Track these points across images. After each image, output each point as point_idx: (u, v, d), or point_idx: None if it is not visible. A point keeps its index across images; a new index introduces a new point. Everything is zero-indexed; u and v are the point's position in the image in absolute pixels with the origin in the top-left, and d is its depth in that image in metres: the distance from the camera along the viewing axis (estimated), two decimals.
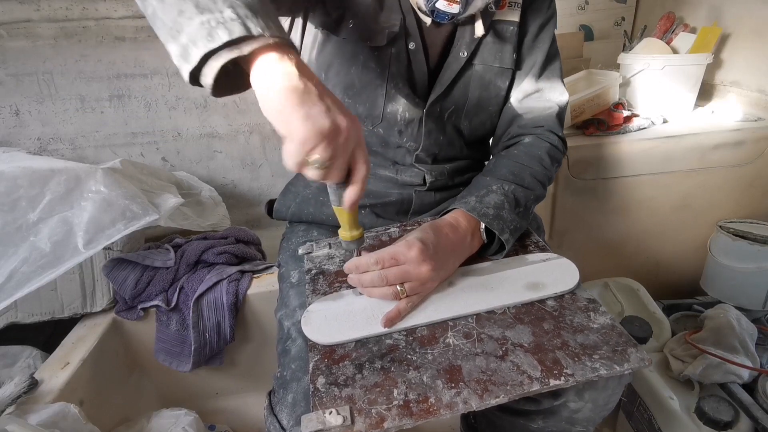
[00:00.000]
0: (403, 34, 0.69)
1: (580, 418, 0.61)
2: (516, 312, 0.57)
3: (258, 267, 1.17)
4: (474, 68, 0.73)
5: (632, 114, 1.20)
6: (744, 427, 0.84)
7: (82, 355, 0.98)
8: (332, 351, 0.54)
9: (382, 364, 0.51)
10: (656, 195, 1.20)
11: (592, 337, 0.52)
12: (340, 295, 0.62)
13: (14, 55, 1.32)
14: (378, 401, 0.47)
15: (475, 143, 0.82)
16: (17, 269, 0.88)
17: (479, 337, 0.54)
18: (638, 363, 0.48)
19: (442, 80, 0.72)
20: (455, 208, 0.65)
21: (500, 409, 0.72)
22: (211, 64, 0.42)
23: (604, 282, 1.22)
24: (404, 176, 0.77)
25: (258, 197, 1.66)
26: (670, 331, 1.06)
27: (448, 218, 0.64)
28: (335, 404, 0.47)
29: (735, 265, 1.12)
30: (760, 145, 1.15)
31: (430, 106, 0.73)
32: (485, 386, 0.47)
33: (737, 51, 1.28)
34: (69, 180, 0.96)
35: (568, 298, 0.58)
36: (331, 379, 0.50)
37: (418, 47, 0.70)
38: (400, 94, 0.72)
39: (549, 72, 0.78)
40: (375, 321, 0.56)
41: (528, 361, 0.50)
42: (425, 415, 0.45)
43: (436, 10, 0.64)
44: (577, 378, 0.47)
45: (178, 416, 1.01)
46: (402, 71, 0.71)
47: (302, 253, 0.74)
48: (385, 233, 0.75)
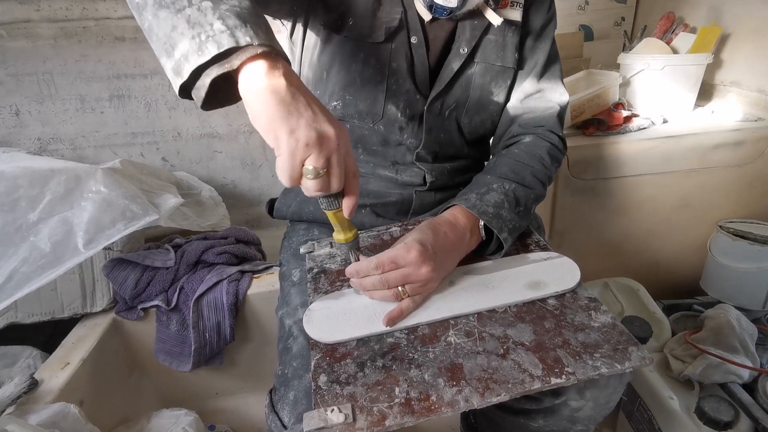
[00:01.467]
0: (405, 28, 0.69)
1: (581, 417, 0.61)
2: (517, 311, 0.57)
3: (258, 267, 1.17)
4: (476, 66, 0.73)
5: (632, 114, 1.21)
6: (744, 427, 0.84)
7: (82, 355, 0.98)
8: (334, 349, 0.54)
9: (383, 362, 0.51)
10: (656, 195, 1.20)
11: (593, 335, 0.52)
12: (342, 293, 0.62)
13: (14, 55, 1.32)
14: (380, 399, 0.47)
15: (475, 142, 0.82)
16: (17, 269, 0.88)
17: (480, 335, 0.54)
18: (639, 361, 0.49)
19: (443, 76, 0.72)
20: (454, 205, 0.65)
21: (501, 408, 0.72)
22: (203, 79, 0.42)
23: (604, 282, 1.22)
24: (404, 176, 0.77)
25: (258, 197, 1.66)
26: (670, 331, 1.06)
27: (446, 215, 0.64)
28: (337, 402, 0.47)
29: (735, 265, 1.12)
30: (760, 145, 1.15)
31: (431, 103, 0.73)
32: (486, 384, 0.47)
33: (737, 51, 1.28)
34: (69, 180, 0.96)
35: (569, 296, 0.58)
36: (332, 377, 0.50)
37: (420, 42, 0.70)
38: (401, 90, 0.72)
39: (550, 73, 0.78)
40: (376, 320, 0.56)
41: (529, 359, 0.50)
42: (426, 413, 0.45)
43: (435, 4, 0.65)
44: (579, 376, 0.47)
45: (178, 416, 1.01)
46: (403, 67, 0.71)
47: (304, 252, 0.74)
48: (387, 232, 0.75)
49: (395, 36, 0.69)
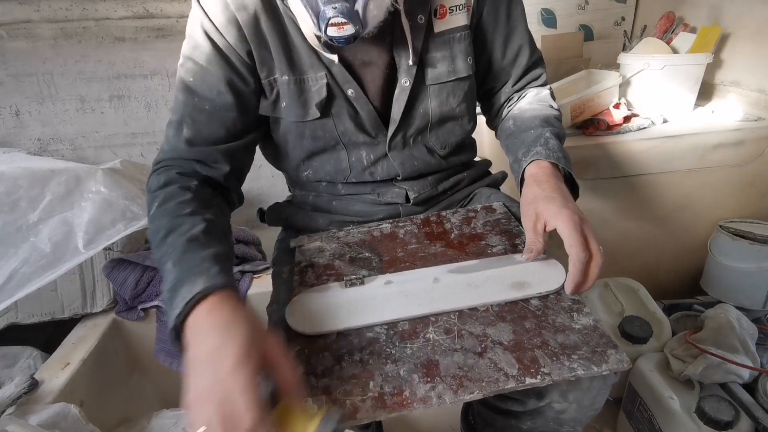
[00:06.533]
0: (338, 87, 0.66)
1: (566, 419, 0.61)
2: (499, 310, 0.57)
3: (258, 267, 1.17)
4: (428, 89, 0.70)
5: (632, 114, 1.20)
6: (744, 427, 0.84)
7: (82, 356, 0.98)
8: (313, 342, 0.54)
9: (361, 356, 0.52)
10: (656, 195, 1.20)
11: (572, 337, 0.52)
12: (327, 287, 0.62)
13: (14, 55, 1.32)
14: (353, 392, 0.47)
15: (451, 152, 0.79)
16: (17, 270, 0.88)
17: (460, 333, 0.54)
18: (617, 364, 0.48)
19: (395, 115, 0.70)
20: (532, 161, 0.65)
21: (492, 409, 0.72)
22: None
23: (604, 282, 1.22)
24: (387, 197, 0.77)
25: (258, 197, 1.66)
26: (671, 331, 1.06)
27: (540, 175, 0.63)
28: (311, 393, 0.47)
29: (735, 265, 1.12)
30: (760, 145, 1.15)
31: (391, 141, 0.72)
32: (461, 382, 0.48)
33: (737, 51, 1.28)
34: (69, 180, 0.96)
35: (552, 298, 0.58)
36: (309, 369, 0.50)
37: (359, 92, 0.67)
38: (359, 143, 0.72)
39: (519, 29, 0.74)
40: (359, 314, 0.56)
41: (506, 358, 0.50)
42: (399, 408, 0.46)
43: (334, 39, 0.56)
44: (554, 377, 0.47)
45: (178, 416, 1.01)
46: (350, 125, 0.69)
47: (294, 245, 0.74)
48: (377, 228, 0.75)
49: (331, 103, 0.67)
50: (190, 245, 0.52)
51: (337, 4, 0.52)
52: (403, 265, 0.66)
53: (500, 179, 0.88)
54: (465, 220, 0.75)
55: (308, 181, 0.78)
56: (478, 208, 0.78)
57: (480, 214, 0.76)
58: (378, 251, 0.70)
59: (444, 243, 0.70)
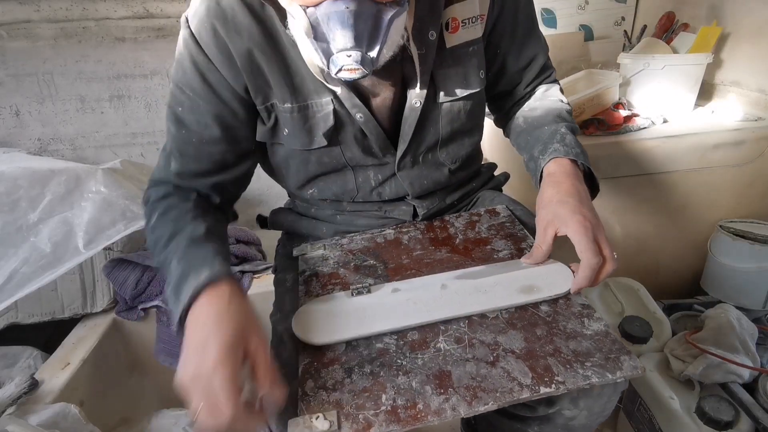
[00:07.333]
0: (346, 112, 0.63)
1: (575, 426, 0.61)
2: (509, 317, 0.56)
3: (258, 267, 1.17)
4: (440, 107, 0.67)
5: (632, 114, 1.20)
6: (744, 427, 0.84)
7: (82, 356, 0.98)
8: (322, 354, 0.53)
9: (371, 368, 0.51)
10: (656, 195, 1.20)
11: (585, 343, 0.51)
12: (333, 296, 0.61)
13: (14, 55, 1.32)
14: (366, 406, 0.46)
15: (461, 165, 0.76)
16: (17, 270, 0.88)
17: (470, 342, 0.53)
18: (631, 371, 0.48)
19: (404, 135, 0.67)
20: (551, 159, 0.64)
21: (497, 412, 0.71)
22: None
23: (604, 282, 1.22)
24: (394, 214, 0.76)
25: (258, 197, 1.66)
26: (671, 331, 1.06)
27: (558, 173, 0.62)
28: (323, 408, 0.46)
29: (735, 265, 1.12)
30: (760, 145, 1.15)
31: (400, 162, 0.69)
32: (474, 393, 0.47)
33: (737, 51, 1.28)
34: (69, 180, 0.96)
35: (562, 303, 0.57)
36: (320, 383, 0.50)
37: (368, 116, 0.63)
38: (367, 164, 0.69)
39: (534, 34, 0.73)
40: (366, 323, 0.56)
41: (519, 367, 0.49)
42: (413, 421, 0.45)
43: (343, 79, 0.54)
44: (569, 386, 0.47)
45: (178, 416, 1.01)
46: (357, 150, 0.66)
47: (297, 254, 0.73)
48: (381, 235, 0.75)
49: (339, 130, 0.64)
50: (193, 243, 0.54)
51: (352, 52, 0.49)
52: (409, 272, 0.65)
53: (503, 181, 0.87)
54: (469, 225, 0.74)
55: (312, 198, 0.76)
56: (482, 211, 0.77)
57: (484, 217, 0.76)
58: (383, 258, 0.69)
59: (449, 248, 0.69)
